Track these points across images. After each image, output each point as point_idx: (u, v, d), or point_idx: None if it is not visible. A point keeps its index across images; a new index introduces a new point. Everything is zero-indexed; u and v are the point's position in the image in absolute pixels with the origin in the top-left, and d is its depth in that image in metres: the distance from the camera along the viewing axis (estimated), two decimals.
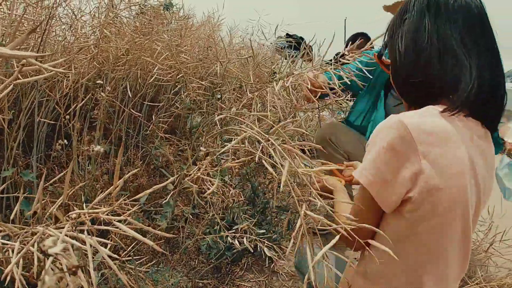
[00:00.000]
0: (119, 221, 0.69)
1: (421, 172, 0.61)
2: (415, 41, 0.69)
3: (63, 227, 0.73)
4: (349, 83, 1.15)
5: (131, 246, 1.44)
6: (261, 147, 0.70)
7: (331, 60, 1.33)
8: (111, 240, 1.02)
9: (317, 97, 1.30)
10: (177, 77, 1.62)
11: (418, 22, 0.69)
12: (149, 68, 1.83)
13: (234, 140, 0.75)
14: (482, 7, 0.69)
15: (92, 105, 1.69)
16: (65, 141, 1.48)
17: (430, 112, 0.66)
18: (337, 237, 0.60)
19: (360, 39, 1.80)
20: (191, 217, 1.67)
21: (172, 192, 1.29)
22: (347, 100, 2.34)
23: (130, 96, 1.43)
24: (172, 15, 1.94)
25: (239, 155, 1.13)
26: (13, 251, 0.63)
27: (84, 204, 0.85)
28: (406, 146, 0.62)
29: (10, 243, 0.69)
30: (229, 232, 1.41)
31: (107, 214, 0.74)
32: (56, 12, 1.42)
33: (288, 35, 3.48)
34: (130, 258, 1.29)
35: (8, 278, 0.55)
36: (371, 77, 1.52)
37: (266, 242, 1.42)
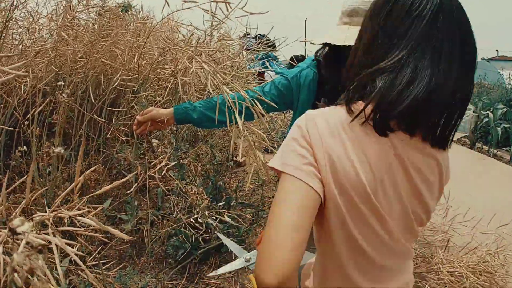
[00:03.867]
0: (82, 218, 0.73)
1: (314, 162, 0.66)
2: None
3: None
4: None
5: (96, 252, 1.46)
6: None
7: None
8: (77, 245, 1.04)
9: (145, 130, 1.44)
10: (135, 78, 1.64)
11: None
12: (108, 71, 1.85)
13: None
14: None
15: (50, 110, 1.68)
16: (25, 147, 1.47)
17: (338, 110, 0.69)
18: None
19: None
20: (156, 219, 1.70)
21: (133, 187, 1.32)
22: None
23: (93, 100, 1.44)
24: (131, 17, 1.96)
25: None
26: None
27: (47, 208, 0.87)
28: (300, 134, 0.67)
29: None
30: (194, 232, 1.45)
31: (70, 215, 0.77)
32: (13, 14, 1.41)
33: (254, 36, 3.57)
34: (97, 262, 1.31)
35: None
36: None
37: (231, 238, 1.48)
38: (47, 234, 0.78)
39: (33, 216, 0.85)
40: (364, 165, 0.65)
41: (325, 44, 1.42)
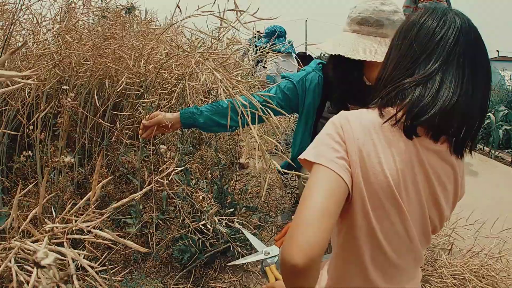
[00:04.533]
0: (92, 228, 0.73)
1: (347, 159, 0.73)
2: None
3: (37, 241, 0.76)
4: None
5: (103, 256, 1.46)
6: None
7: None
8: (85, 250, 1.04)
9: (151, 135, 1.46)
10: (141, 83, 1.64)
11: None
12: (112, 73, 1.84)
13: None
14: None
15: (54, 113, 1.67)
16: (29, 152, 1.47)
17: (369, 111, 0.78)
18: None
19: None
20: (161, 223, 1.70)
21: (140, 193, 1.32)
22: None
23: (97, 104, 1.44)
24: (135, 19, 1.95)
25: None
26: None
27: (54, 215, 0.87)
28: (335, 130, 0.75)
29: None
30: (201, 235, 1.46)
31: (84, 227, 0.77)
32: (18, 17, 1.40)
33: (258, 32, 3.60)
34: (105, 268, 1.31)
35: None
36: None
37: (237, 243, 1.49)
38: (58, 244, 0.79)
39: (44, 227, 0.85)
40: (390, 162, 0.72)
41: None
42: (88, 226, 0.77)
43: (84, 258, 0.89)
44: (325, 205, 0.65)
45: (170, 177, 1.37)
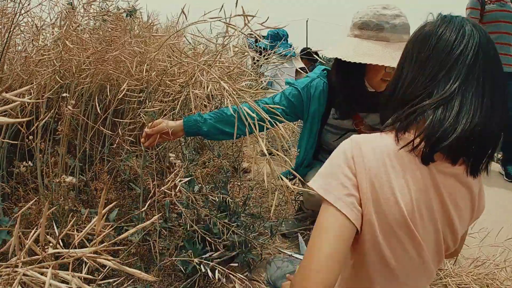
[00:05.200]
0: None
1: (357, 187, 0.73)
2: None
3: (41, 264, 0.75)
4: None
5: (106, 268, 1.44)
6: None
7: None
8: (86, 264, 1.03)
9: (153, 143, 1.46)
10: (143, 89, 1.61)
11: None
12: (113, 78, 1.81)
13: None
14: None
15: (54, 118, 1.65)
16: (30, 163, 1.44)
17: (384, 137, 0.76)
18: None
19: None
20: (164, 231, 1.69)
21: (146, 205, 1.31)
22: None
23: (98, 110, 1.41)
24: (135, 21, 1.92)
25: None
26: None
27: (56, 228, 0.86)
28: (345, 162, 0.74)
29: None
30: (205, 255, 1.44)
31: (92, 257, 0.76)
32: (17, 22, 1.37)
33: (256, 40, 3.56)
34: (108, 281, 1.30)
35: None
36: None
37: (246, 251, 1.48)
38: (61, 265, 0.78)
39: (48, 252, 0.83)
40: (404, 191, 0.71)
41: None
42: (97, 257, 0.76)
43: (87, 270, 0.89)
44: (333, 250, 0.67)
45: (178, 188, 1.35)
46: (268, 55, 1.89)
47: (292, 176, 1.80)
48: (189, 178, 1.34)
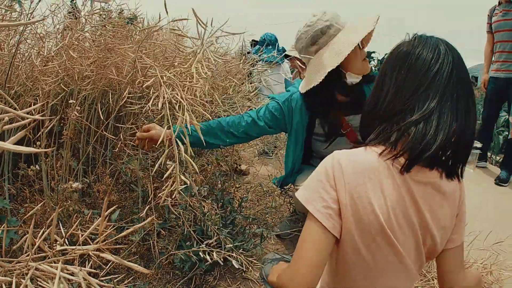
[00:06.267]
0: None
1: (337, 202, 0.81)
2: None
3: (50, 260, 0.84)
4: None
5: (108, 265, 1.53)
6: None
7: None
8: (89, 261, 1.13)
9: (146, 147, 1.56)
10: (141, 95, 1.69)
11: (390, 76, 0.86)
12: (115, 83, 1.89)
13: None
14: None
15: (60, 123, 1.74)
16: (37, 166, 1.53)
17: (363, 151, 0.84)
18: None
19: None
20: (162, 231, 1.77)
21: (145, 209, 1.39)
22: None
23: (101, 116, 1.50)
24: (136, 26, 2.00)
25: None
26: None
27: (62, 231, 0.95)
28: (325, 177, 0.82)
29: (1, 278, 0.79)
30: (202, 247, 1.53)
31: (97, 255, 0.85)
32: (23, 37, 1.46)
33: (253, 41, 3.61)
34: (110, 277, 1.39)
35: None
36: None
37: (238, 252, 1.56)
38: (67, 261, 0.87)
39: (55, 249, 0.93)
40: (380, 201, 0.79)
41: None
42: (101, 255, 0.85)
43: (90, 267, 0.97)
44: (315, 258, 0.78)
45: (174, 196, 1.44)
46: (256, 62, 1.96)
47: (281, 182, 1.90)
48: (186, 185, 1.42)
